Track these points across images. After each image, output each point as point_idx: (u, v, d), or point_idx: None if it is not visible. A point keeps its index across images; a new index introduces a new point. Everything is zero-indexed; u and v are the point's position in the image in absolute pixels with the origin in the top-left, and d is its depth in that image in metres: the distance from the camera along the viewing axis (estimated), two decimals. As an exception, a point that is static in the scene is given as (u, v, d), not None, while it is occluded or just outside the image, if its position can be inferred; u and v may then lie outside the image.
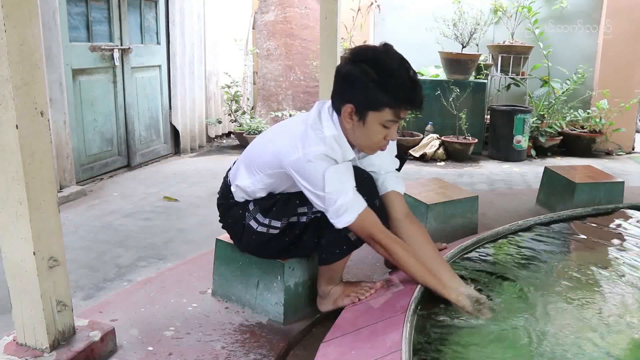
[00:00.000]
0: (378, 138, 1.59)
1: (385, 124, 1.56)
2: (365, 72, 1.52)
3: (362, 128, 1.58)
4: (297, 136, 1.58)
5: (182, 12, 4.83)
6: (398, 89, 1.52)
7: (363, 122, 1.56)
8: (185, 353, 1.58)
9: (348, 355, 1.40)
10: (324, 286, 1.78)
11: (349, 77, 1.55)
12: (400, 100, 1.53)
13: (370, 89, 1.52)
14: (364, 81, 1.52)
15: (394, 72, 1.52)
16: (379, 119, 1.55)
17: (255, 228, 1.70)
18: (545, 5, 5.53)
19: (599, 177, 2.99)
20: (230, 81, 5.40)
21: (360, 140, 1.61)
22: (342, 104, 1.57)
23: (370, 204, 1.62)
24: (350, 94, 1.55)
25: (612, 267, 2.00)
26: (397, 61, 1.54)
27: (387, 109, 1.53)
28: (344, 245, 1.67)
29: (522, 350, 1.43)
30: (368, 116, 1.55)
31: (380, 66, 1.52)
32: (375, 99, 1.53)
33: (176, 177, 4.20)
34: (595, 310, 1.65)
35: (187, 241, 2.82)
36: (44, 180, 1.37)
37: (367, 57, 1.55)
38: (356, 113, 1.56)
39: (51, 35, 3.33)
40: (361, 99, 1.54)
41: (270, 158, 1.64)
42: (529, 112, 5.10)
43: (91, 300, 2.14)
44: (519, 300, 1.71)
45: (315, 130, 1.58)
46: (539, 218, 2.45)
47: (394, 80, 1.52)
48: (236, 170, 1.79)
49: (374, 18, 6.03)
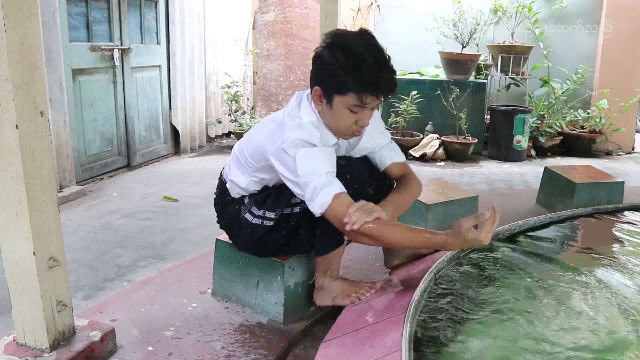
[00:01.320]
0: (347, 123, 1.59)
1: (351, 109, 1.56)
2: (333, 56, 1.54)
3: (330, 111, 1.59)
4: (276, 126, 1.61)
5: (182, 12, 4.83)
6: (362, 73, 1.51)
7: (330, 105, 1.58)
8: (185, 353, 1.58)
9: (348, 355, 1.40)
10: (321, 278, 1.78)
11: (318, 60, 1.58)
12: (363, 85, 1.52)
13: (336, 72, 1.53)
14: (331, 64, 1.54)
15: (360, 56, 1.52)
16: (345, 102, 1.55)
17: (250, 220, 1.72)
18: (545, 5, 5.53)
19: (599, 177, 3.00)
20: (230, 81, 5.40)
21: (332, 124, 1.62)
22: (312, 87, 1.60)
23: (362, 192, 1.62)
24: (319, 77, 1.58)
25: (612, 267, 2.00)
26: (365, 45, 1.54)
27: (351, 93, 1.53)
28: (337, 234, 1.65)
29: (523, 350, 1.43)
30: (334, 100, 1.56)
31: (348, 50, 1.53)
32: (339, 82, 1.53)
33: (176, 177, 4.20)
34: (596, 311, 1.65)
35: (187, 241, 2.82)
36: (44, 180, 1.37)
37: (337, 41, 1.57)
38: (324, 96, 1.58)
39: (51, 35, 3.33)
40: (327, 82, 1.56)
41: (256, 152, 1.68)
42: (529, 112, 5.10)
43: (91, 300, 2.14)
44: (519, 301, 1.71)
45: (293, 117, 1.61)
46: (539, 218, 2.45)
47: (358, 64, 1.51)
48: (229, 167, 1.82)
49: (374, 18, 6.03)
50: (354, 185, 1.61)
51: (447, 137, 5.11)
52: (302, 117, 1.60)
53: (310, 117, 1.60)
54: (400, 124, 5.11)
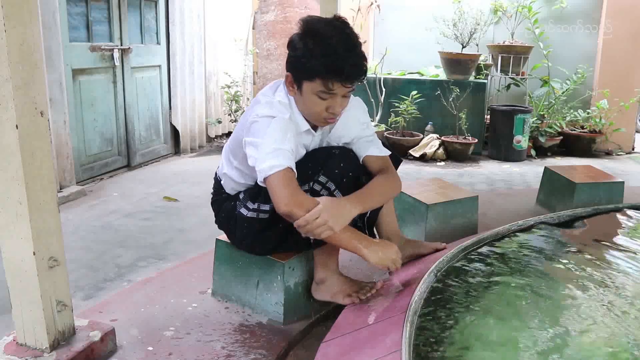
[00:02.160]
0: (318, 109, 1.60)
1: (319, 95, 1.57)
2: (303, 42, 1.56)
3: (300, 97, 1.61)
4: (249, 109, 1.66)
5: (182, 12, 4.83)
6: (327, 59, 1.51)
7: (300, 91, 1.60)
8: (185, 353, 1.58)
9: (348, 355, 1.40)
10: (319, 272, 1.78)
11: (290, 46, 1.61)
12: (328, 71, 1.52)
13: (304, 58, 1.55)
14: (301, 50, 1.56)
15: (327, 42, 1.53)
16: (312, 89, 1.57)
17: (246, 215, 1.71)
18: (545, 5, 5.53)
19: (599, 177, 2.99)
20: (230, 81, 5.40)
21: (303, 109, 1.64)
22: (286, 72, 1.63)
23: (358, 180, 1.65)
24: (289, 63, 1.61)
25: (612, 268, 2.00)
26: (334, 32, 1.55)
27: (318, 79, 1.54)
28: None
29: (522, 350, 1.43)
30: (303, 85, 1.58)
31: (317, 36, 1.55)
32: (307, 68, 1.55)
33: (176, 177, 4.20)
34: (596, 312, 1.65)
35: (187, 241, 2.82)
36: (44, 180, 1.37)
37: (309, 27, 1.58)
38: (294, 82, 1.61)
39: (51, 35, 3.33)
40: (296, 68, 1.59)
41: (236, 139, 1.71)
42: (529, 112, 5.10)
43: (91, 300, 2.14)
44: (519, 301, 1.71)
45: (265, 97, 1.64)
46: (539, 218, 2.45)
47: (325, 50, 1.52)
48: (222, 163, 1.85)
49: (374, 18, 6.03)
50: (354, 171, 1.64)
51: (447, 137, 5.11)
52: (278, 97, 1.64)
53: (282, 98, 1.63)
54: (400, 124, 5.11)
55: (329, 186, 1.62)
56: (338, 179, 1.62)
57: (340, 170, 1.61)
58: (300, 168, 1.60)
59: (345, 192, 1.62)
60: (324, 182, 1.62)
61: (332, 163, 1.63)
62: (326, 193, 1.62)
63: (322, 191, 1.62)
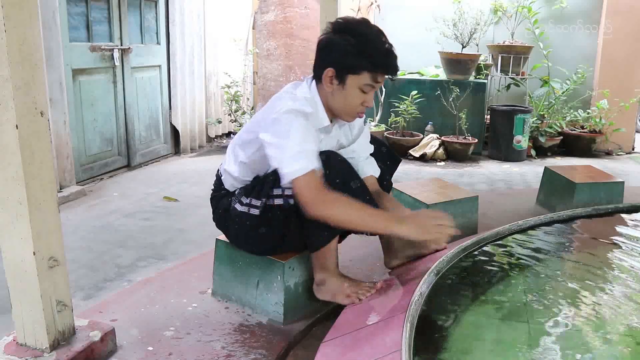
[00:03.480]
0: (356, 102, 1.68)
1: (363, 88, 1.66)
2: (345, 39, 1.64)
3: (342, 91, 1.67)
4: (270, 106, 1.69)
5: (182, 12, 4.83)
6: (375, 54, 1.63)
7: (343, 85, 1.66)
8: (185, 353, 1.58)
9: (348, 355, 1.40)
10: (318, 274, 1.78)
11: (329, 44, 1.66)
12: (377, 65, 1.64)
13: (350, 54, 1.62)
14: (344, 46, 1.63)
15: (371, 38, 1.64)
16: (358, 82, 1.65)
17: (239, 210, 1.73)
18: (545, 5, 5.53)
19: (599, 177, 2.99)
20: (230, 81, 5.39)
21: (339, 104, 1.69)
22: (322, 69, 1.67)
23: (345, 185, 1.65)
24: (331, 59, 1.66)
25: (612, 268, 2.00)
26: (373, 30, 1.67)
27: (365, 72, 1.63)
28: (325, 230, 1.65)
29: (522, 350, 1.43)
30: (347, 79, 1.65)
31: (358, 34, 1.64)
32: (354, 63, 1.63)
33: (176, 177, 4.20)
34: (596, 311, 1.65)
35: (187, 241, 2.82)
36: (44, 180, 1.37)
37: (346, 27, 1.67)
38: (336, 77, 1.66)
39: (51, 35, 3.33)
40: (341, 63, 1.64)
41: (250, 132, 1.74)
42: (529, 112, 5.10)
43: (91, 300, 2.14)
44: (519, 301, 1.71)
45: (287, 93, 1.70)
46: (539, 218, 2.45)
47: (371, 46, 1.63)
48: (225, 160, 1.86)
49: (374, 18, 6.02)
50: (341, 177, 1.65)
51: (447, 137, 5.11)
52: (297, 93, 1.69)
53: (305, 94, 1.69)
54: (400, 124, 5.11)
55: None
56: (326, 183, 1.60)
57: (326, 177, 1.60)
58: None
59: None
60: None
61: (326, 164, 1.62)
62: None
63: None
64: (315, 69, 1.72)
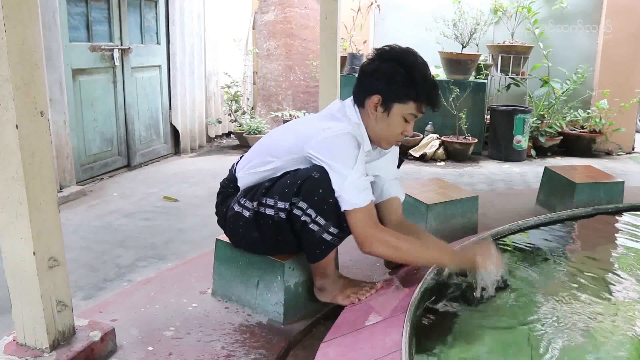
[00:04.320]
0: (398, 131, 1.71)
1: (407, 117, 1.69)
2: (393, 67, 1.66)
3: (386, 119, 1.69)
4: (323, 122, 1.69)
5: (182, 12, 4.83)
6: (423, 85, 1.66)
7: (388, 113, 1.68)
8: (185, 353, 1.58)
9: (348, 355, 1.40)
10: (318, 280, 1.79)
11: (378, 71, 1.68)
12: (423, 95, 1.67)
13: (398, 82, 1.65)
14: (393, 75, 1.66)
15: (419, 70, 1.67)
16: (403, 111, 1.68)
17: (234, 209, 1.74)
18: (545, 5, 5.53)
19: (599, 177, 2.99)
20: (230, 81, 5.40)
21: (381, 132, 1.72)
22: (368, 95, 1.69)
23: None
24: (378, 86, 1.67)
25: (612, 268, 2.00)
26: (420, 62, 1.71)
27: (412, 102, 1.67)
28: (322, 245, 1.65)
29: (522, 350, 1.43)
30: (393, 108, 1.68)
31: (407, 63, 1.67)
32: (401, 92, 1.66)
33: (176, 177, 4.20)
34: (596, 311, 1.65)
35: (187, 241, 2.82)
36: (44, 180, 1.37)
37: (393, 55, 1.70)
38: (382, 104, 1.68)
39: (51, 35, 3.33)
40: (388, 91, 1.67)
41: (292, 144, 1.70)
42: (529, 112, 5.10)
43: (91, 300, 2.14)
44: (519, 301, 1.71)
45: (342, 113, 1.71)
46: (539, 218, 2.45)
47: (419, 77, 1.66)
48: (247, 160, 1.81)
49: (374, 18, 6.03)
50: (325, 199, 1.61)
51: (447, 137, 5.11)
52: (349, 115, 1.71)
53: (355, 119, 1.71)
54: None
55: (309, 213, 1.60)
56: (318, 205, 1.59)
57: (319, 197, 1.58)
58: (280, 184, 1.64)
59: (329, 218, 1.60)
60: (304, 208, 1.60)
61: (310, 187, 1.58)
62: (308, 219, 1.60)
63: (303, 216, 1.60)
64: (358, 94, 1.72)
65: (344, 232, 1.64)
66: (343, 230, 1.63)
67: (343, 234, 1.64)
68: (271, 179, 1.69)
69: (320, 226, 1.60)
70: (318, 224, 1.60)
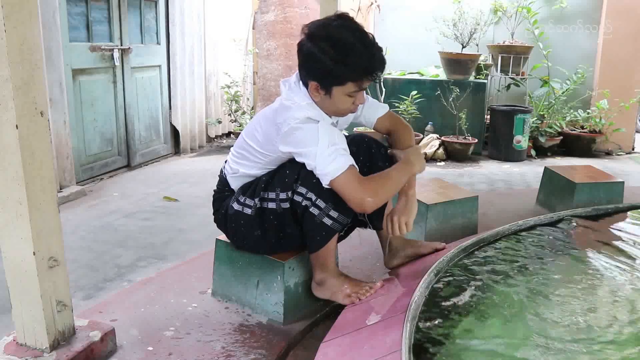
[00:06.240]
0: (347, 106, 1.69)
1: (350, 95, 1.65)
2: (323, 51, 1.59)
3: (330, 100, 1.67)
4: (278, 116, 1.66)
5: (182, 12, 4.83)
6: (356, 63, 1.59)
7: (329, 95, 1.65)
8: (185, 353, 1.58)
9: (348, 355, 1.40)
10: (318, 274, 1.78)
11: (310, 57, 1.63)
12: (360, 73, 1.62)
13: (331, 67, 1.59)
14: (324, 60, 1.59)
15: (351, 46, 1.59)
16: (344, 91, 1.64)
17: (235, 208, 1.74)
18: (545, 5, 5.53)
19: (599, 177, 2.99)
20: (230, 81, 5.40)
21: (330, 110, 1.71)
22: (307, 80, 1.66)
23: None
24: (313, 73, 1.64)
25: (612, 268, 2.00)
26: (352, 34, 1.61)
27: (349, 82, 1.62)
28: (323, 231, 1.66)
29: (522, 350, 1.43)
30: (333, 90, 1.64)
31: (337, 43, 1.59)
32: (336, 75, 1.61)
33: (176, 177, 4.20)
34: (596, 311, 1.65)
35: (187, 241, 2.82)
36: (44, 180, 1.37)
37: (323, 34, 1.62)
38: (321, 88, 1.65)
39: (51, 35, 3.33)
40: (323, 77, 1.63)
41: (264, 148, 1.71)
42: (529, 112, 5.10)
43: (91, 300, 2.14)
44: (519, 301, 1.71)
45: (291, 101, 1.67)
46: (539, 218, 2.45)
47: (351, 55, 1.58)
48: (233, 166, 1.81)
49: (374, 18, 6.03)
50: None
51: (447, 137, 5.11)
52: (297, 100, 1.67)
53: (307, 100, 1.68)
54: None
55: (309, 196, 1.63)
56: (317, 188, 1.62)
57: (317, 179, 1.60)
58: (280, 175, 1.66)
59: (328, 200, 1.62)
60: (303, 192, 1.64)
61: (308, 172, 1.62)
62: (308, 203, 1.63)
63: (304, 202, 1.64)
64: (300, 73, 1.70)
65: (345, 216, 1.66)
66: (344, 214, 1.65)
67: (343, 218, 1.66)
68: (268, 173, 1.71)
69: (320, 209, 1.62)
70: (318, 207, 1.62)
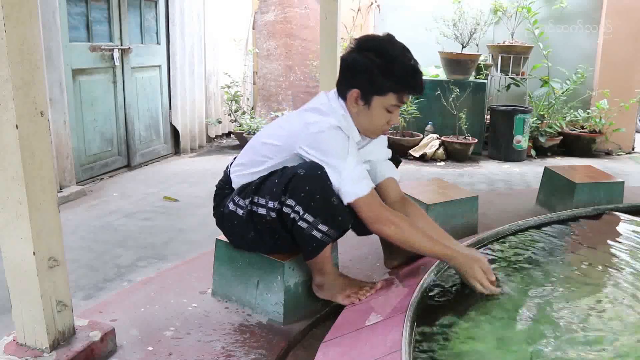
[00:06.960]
0: (382, 122, 1.71)
1: (389, 108, 1.68)
2: (370, 59, 1.63)
3: (367, 112, 1.69)
4: (309, 117, 1.67)
5: (182, 12, 4.83)
6: (401, 74, 1.64)
7: (368, 106, 1.68)
8: (185, 353, 1.58)
9: (348, 355, 1.40)
10: (317, 277, 1.78)
11: (355, 65, 1.66)
12: (403, 85, 1.65)
13: (375, 75, 1.63)
14: (369, 68, 1.63)
15: (397, 59, 1.64)
16: (383, 103, 1.66)
17: (229, 208, 1.74)
18: (545, 5, 5.54)
19: (598, 177, 2.99)
20: (230, 81, 5.40)
21: (365, 124, 1.71)
22: (348, 89, 1.67)
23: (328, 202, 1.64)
24: (356, 80, 1.66)
25: (612, 268, 2.00)
26: (399, 49, 1.67)
27: (391, 93, 1.65)
28: (313, 242, 1.63)
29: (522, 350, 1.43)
30: (373, 101, 1.66)
31: (384, 53, 1.64)
32: (380, 84, 1.64)
33: (176, 177, 4.20)
34: (596, 311, 1.65)
35: (187, 241, 2.82)
36: (44, 180, 1.37)
37: (371, 45, 1.67)
38: (362, 98, 1.67)
39: (51, 35, 3.33)
40: (366, 85, 1.65)
41: (282, 143, 1.70)
42: (529, 112, 5.10)
43: (91, 300, 2.14)
44: (519, 301, 1.71)
45: (326, 106, 1.69)
46: (539, 218, 2.45)
47: (396, 67, 1.63)
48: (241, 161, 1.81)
49: (374, 18, 6.03)
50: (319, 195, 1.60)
51: (447, 137, 5.11)
52: (335, 108, 1.69)
53: (342, 110, 1.70)
54: (400, 124, 5.11)
55: (297, 210, 1.59)
56: (305, 202, 1.58)
57: (305, 194, 1.57)
58: (270, 182, 1.64)
59: (317, 214, 1.58)
60: (292, 205, 1.60)
61: (296, 184, 1.58)
62: (296, 217, 1.59)
63: (292, 214, 1.60)
64: (339, 88, 1.71)
65: (335, 230, 1.63)
66: (334, 228, 1.62)
67: (334, 231, 1.63)
68: (261, 176, 1.70)
69: (309, 223, 1.59)
70: (307, 221, 1.59)
